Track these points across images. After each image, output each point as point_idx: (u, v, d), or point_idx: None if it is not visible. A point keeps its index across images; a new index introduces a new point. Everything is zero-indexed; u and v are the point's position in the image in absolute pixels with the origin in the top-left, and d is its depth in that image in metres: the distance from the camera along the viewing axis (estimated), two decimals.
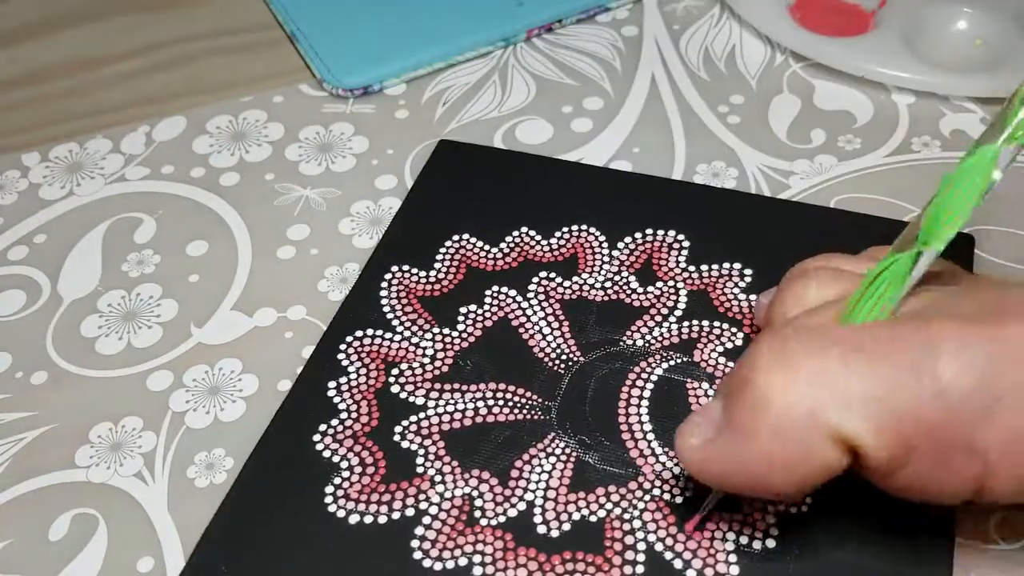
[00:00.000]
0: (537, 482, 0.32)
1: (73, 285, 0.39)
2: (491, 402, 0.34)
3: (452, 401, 0.34)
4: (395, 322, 0.36)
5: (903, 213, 0.39)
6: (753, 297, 0.36)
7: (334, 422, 0.33)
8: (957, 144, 0.42)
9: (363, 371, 0.35)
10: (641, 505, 0.31)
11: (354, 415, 0.34)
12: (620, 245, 0.38)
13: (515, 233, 0.39)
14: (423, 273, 0.38)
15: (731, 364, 0.34)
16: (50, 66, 0.49)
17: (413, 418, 0.34)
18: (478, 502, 0.31)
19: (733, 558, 0.30)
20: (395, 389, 0.34)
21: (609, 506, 0.31)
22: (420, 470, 0.32)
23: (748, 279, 0.37)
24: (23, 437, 0.35)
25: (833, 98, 0.44)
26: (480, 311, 0.36)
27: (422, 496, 0.32)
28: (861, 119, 0.43)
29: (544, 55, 0.47)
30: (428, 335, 0.36)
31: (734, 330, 0.35)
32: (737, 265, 0.37)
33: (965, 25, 0.45)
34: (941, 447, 0.25)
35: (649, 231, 0.38)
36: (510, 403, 0.34)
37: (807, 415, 0.25)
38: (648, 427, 0.33)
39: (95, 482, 0.33)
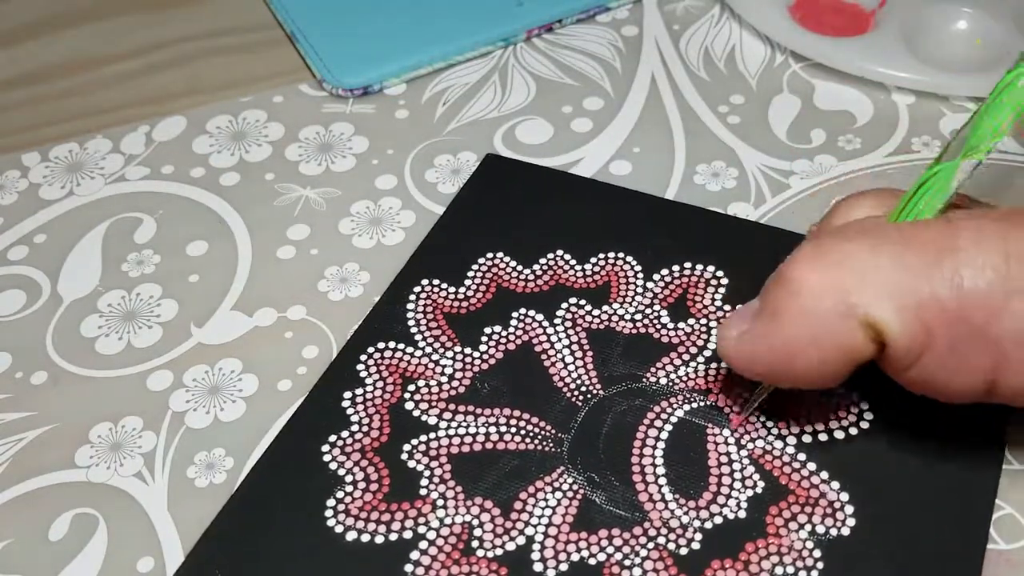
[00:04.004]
0: (540, 517, 0.31)
1: (73, 285, 0.39)
2: (503, 428, 0.33)
3: (465, 424, 0.33)
4: (418, 337, 0.36)
5: None
6: None
7: (344, 434, 0.33)
8: None
9: (380, 384, 0.34)
10: (644, 552, 0.30)
11: (365, 428, 0.33)
12: (656, 277, 0.37)
13: (550, 256, 0.38)
14: (452, 289, 0.37)
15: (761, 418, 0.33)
16: (50, 66, 0.49)
17: (423, 437, 0.33)
18: (477, 532, 0.31)
19: None
20: (409, 406, 0.34)
21: (611, 550, 0.30)
22: (423, 492, 0.32)
23: None
24: (23, 437, 0.35)
25: (833, 98, 0.44)
26: (504, 333, 0.36)
27: (422, 519, 0.31)
28: (861, 119, 0.43)
29: (544, 55, 0.47)
30: (449, 353, 0.35)
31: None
32: None
33: (965, 25, 0.45)
34: (958, 335, 0.26)
35: (688, 264, 0.37)
36: (522, 431, 0.33)
37: (836, 298, 0.27)
38: (661, 471, 0.32)
39: (95, 482, 0.33)
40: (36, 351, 0.37)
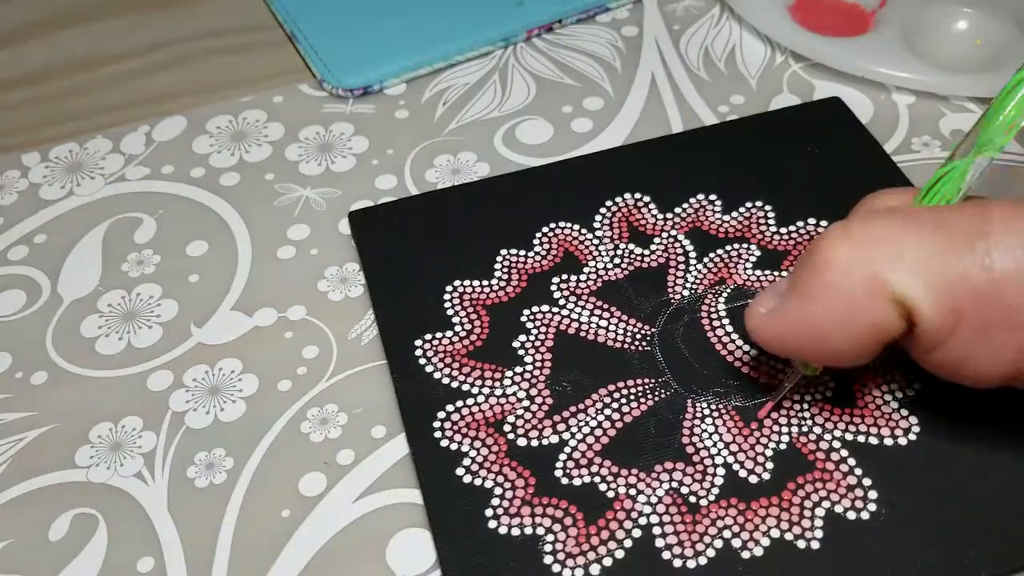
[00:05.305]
0: (711, 435, 0.32)
1: (73, 285, 0.39)
2: (615, 404, 0.33)
3: (584, 420, 0.33)
4: (453, 383, 0.34)
5: None
6: (731, 215, 0.38)
7: (465, 461, 0.32)
8: None
9: (476, 438, 0.33)
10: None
11: (512, 484, 0.32)
12: (595, 225, 0.38)
13: (499, 258, 0.38)
14: (450, 334, 0.36)
15: (768, 271, 0.37)
16: (50, 66, 0.49)
17: (567, 450, 0.32)
18: (684, 489, 0.31)
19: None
20: (513, 436, 0.33)
21: (800, 423, 0.33)
22: (611, 495, 0.31)
23: (719, 203, 0.39)
24: (23, 437, 0.35)
25: None
26: (532, 339, 0.35)
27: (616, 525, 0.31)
28: (861, 119, 0.43)
29: (544, 55, 0.47)
30: (502, 383, 0.34)
31: (745, 245, 0.37)
32: (711, 196, 0.39)
33: (965, 25, 0.45)
34: (986, 319, 0.26)
35: (616, 200, 0.39)
36: (631, 396, 0.33)
37: (866, 275, 0.27)
38: (752, 351, 0.34)
39: (95, 482, 0.33)
40: (36, 351, 0.37)
